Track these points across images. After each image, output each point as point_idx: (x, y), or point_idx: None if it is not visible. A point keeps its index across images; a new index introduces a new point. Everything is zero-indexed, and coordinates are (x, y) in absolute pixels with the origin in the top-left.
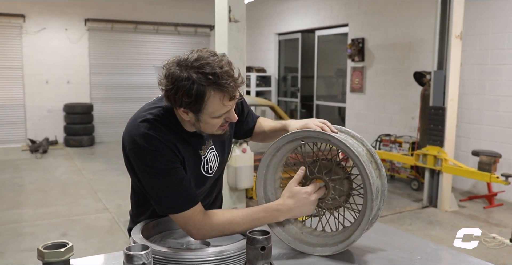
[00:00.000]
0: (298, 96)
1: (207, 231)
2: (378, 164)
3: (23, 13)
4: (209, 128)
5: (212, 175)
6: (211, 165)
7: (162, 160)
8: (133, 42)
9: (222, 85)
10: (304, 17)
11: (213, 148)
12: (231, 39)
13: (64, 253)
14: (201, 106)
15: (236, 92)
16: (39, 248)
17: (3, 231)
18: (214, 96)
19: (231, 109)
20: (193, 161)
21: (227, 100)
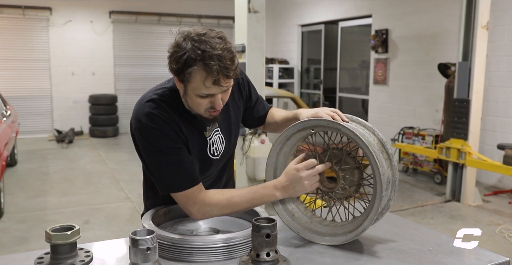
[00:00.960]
0: (320, 88)
1: (207, 210)
2: (389, 154)
3: (50, 6)
4: (195, 106)
5: (218, 158)
6: (217, 147)
7: (164, 139)
8: (157, 34)
9: (207, 65)
10: (327, 8)
11: (219, 130)
12: (251, 30)
13: (71, 236)
14: (185, 77)
15: (222, 78)
16: (46, 231)
17: (29, 218)
18: (197, 72)
19: (216, 95)
20: (198, 143)
21: (208, 82)
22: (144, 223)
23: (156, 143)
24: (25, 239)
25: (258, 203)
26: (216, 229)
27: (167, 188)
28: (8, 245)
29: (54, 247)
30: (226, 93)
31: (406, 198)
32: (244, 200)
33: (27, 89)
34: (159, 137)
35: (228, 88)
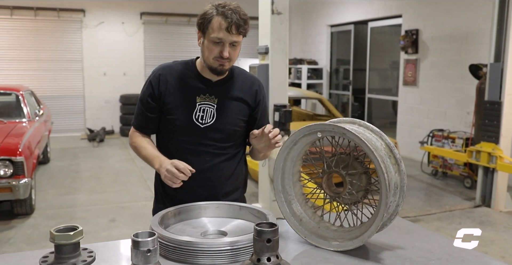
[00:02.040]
0: (349, 89)
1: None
2: (397, 159)
3: (83, 8)
4: (207, 53)
5: (202, 126)
6: (204, 115)
7: (147, 84)
8: (187, 35)
9: (224, 14)
10: (357, 8)
11: (214, 106)
12: (274, 31)
13: (73, 237)
14: (206, 26)
15: (234, 28)
16: (51, 231)
17: (58, 215)
18: (215, 19)
19: (225, 43)
20: (186, 103)
21: (223, 26)
22: (152, 225)
23: (144, 85)
24: None
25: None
26: (224, 232)
27: None
28: (37, 240)
29: (57, 246)
30: (234, 50)
31: (434, 202)
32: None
33: (61, 89)
34: (146, 82)
35: (236, 45)
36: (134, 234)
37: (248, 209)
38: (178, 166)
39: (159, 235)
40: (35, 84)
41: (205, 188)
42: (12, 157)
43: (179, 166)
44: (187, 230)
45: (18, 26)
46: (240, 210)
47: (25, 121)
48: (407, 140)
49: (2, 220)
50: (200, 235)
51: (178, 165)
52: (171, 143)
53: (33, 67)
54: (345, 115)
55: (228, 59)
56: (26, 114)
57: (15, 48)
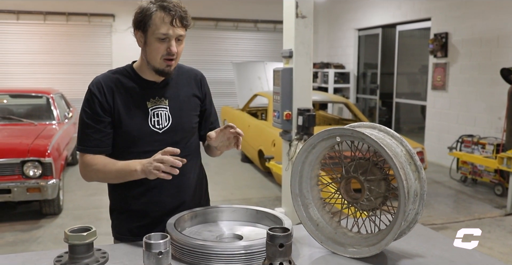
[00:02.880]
0: (377, 93)
1: (82, 173)
2: (418, 166)
3: (113, 13)
4: (153, 53)
5: (160, 131)
6: (159, 120)
7: (87, 99)
8: (213, 39)
9: (165, 8)
10: (385, 11)
11: (167, 108)
12: (298, 35)
13: (86, 237)
14: (146, 24)
15: (178, 21)
16: (65, 231)
17: (84, 215)
18: (156, 14)
19: (171, 40)
20: (138, 111)
21: (167, 20)
22: (168, 227)
23: (84, 103)
24: None
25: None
26: (240, 236)
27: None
28: None
29: (71, 247)
30: (180, 45)
31: (462, 209)
32: (115, 168)
33: None
34: (86, 97)
35: (182, 39)
36: (146, 236)
37: (264, 213)
38: (167, 152)
39: (174, 238)
40: (66, 87)
41: (175, 197)
42: (41, 158)
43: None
44: (203, 233)
45: (50, 31)
46: (257, 214)
47: (55, 123)
48: (436, 146)
49: (31, 220)
50: (216, 238)
51: (166, 151)
52: (128, 156)
53: (64, 71)
54: (372, 119)
55: (175, 56)
56: (56, 117)
57: (47, 52)
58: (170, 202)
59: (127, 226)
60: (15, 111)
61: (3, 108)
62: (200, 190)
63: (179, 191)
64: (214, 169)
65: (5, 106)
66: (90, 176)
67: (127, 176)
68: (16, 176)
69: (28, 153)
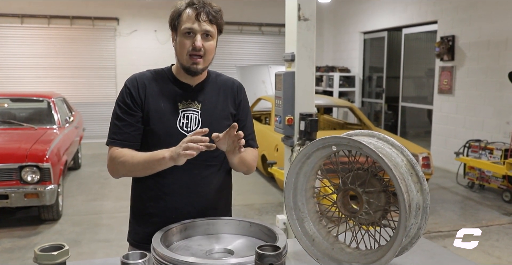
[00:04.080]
0: (383, 97)
1: (110, 167)
2: (420, 176)
3: (117, 17)
4: (180, 51)
5: (188, 134)
6: (188, 123)
7: (122, 93)
8: (218, 42)
9: (193, 4)
10: (390, 14)
11: (198, 112)
12: (300, 38)
13: (57, 257)
14: (176, 22)
15: (204, 15)
16: (34, 250)
17: (83, 221)
18: (185, 12)
19: (197, 34)
20: (168, 111)
21: (192, 15)
22: (154, 242)
23: (118, 97)
24: (77, 242)
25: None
26: (231, 251)
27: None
28: None
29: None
30: (208, 41)
31: (469, 216)
32: (141, 158)
33: (94, 96)
34: (122, 92)
35: (210, 35)
36: (124, 255)
37: (258, 226)
38: (197, 133)
39: (159, 253)
40: (69, 91)
41: (194, 205)
42: (39, 164)
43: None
44: (192, 247)
45: (54, 34)
46: (250, 227)
47: (55, 127)
48: (442, 151)
49: (30, 225)
50: (205, 253)
51: (196, 132)
52: None
53: (68, 75)
54: (378, 124)
55: (202, 52)
56: (57, 121)
57: (51, 56)
58: (187, 210)
59: (143, 232)
60: (16, 115)
61: (4, 112)
62: (220, 201)
63: (198, 200)
64: None
65: (6, 110)
66: (117, 169)
67: (155, 164)
68: (14, 181)
69: (26, 158)
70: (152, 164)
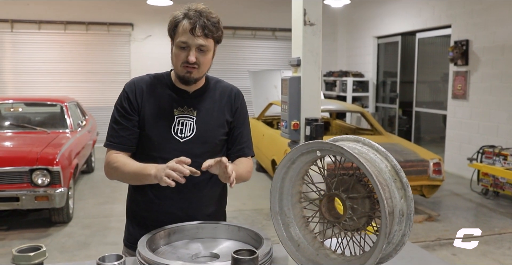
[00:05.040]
0: (397, 102)
1: (105, 169)
2: (404, 183)
3: (132, 22)
4: (175, 61)
5: (181, 140)
6: (183, 129)
7: (121, 97)
8: (231, 47)
9: (189, 16)
10: (404, 19)
11: (193, 119)
12: (306, 43)
13: (33, 258)
14: (173, 32)
15: (199, 29)
16: (12, 251)
17: (93, 224)
18: (181, 23)
19: (191, 48)
20: (163, 116)
21: (187, 29)
22: (139, 245)
23: (117, 100)
24: (86, 245)
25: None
26: (217, 255)
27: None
28: (71, 249)
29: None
30: (203, 55)
31: (482, 224)
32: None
33: (108, 101)
34: (120, 96)
35: (205, 50)
36: (100, 257)
37: (246, 231)
38: (181, 161)
39: (143, 258)
40: (84, 96)
41: (185, 210)
42: (50, 167)
43: (181, 161)
44: (179, 251)
45: (70, 40)
46: (239, 231)
47: (68, 131)
48: (456, 156)
49: (41, 228)
50: (191, 257)
51: (180, 160)
52: (147, 160)
53: (83, 79)
54: (392, 129)
55: (196, 65)
56: (69, 125)
57: (67, 61)
58: (180, 215)
59: (137, 233)
60: (30, 119)
61: (18, 116)
62: (212, 207)
63: (190, 205)
64: None
65: (21, 114)
66: (111, 173)
67: (142, 178)
68: (25, 184)
69: (37, 161)
70: (140, 177)
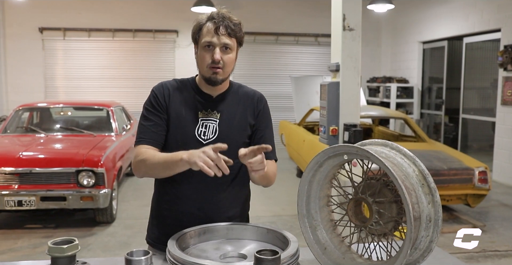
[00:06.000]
0: (442, 109)
1: (133, 164)
2: (432, 188)
3: (176, 29)
4: (201, 63)
5: (204, 142)
6: (206, 131)
7: (150, 97)
8: (274, 53)
9: (213, 18)
10: (450, 23)
11: (216, 121)
12: (345, 48)
13: (66, 250)
14: (197, 35)
15: (223, 29)
16: (48, 243)
17: (135, 225)
18: (205, 26)
19: (216, 47)
20: (188, 118)
21: (211, 29)
22: (169, 244)
23: (146, 101)
24: (127, 244)
25: (171, 162)
26: (244, 255)
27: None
28: (113, 248)
29: (53, 259)
30: (227, 54)
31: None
32: (160, 157)
33: None
34: (149, 97)
35: (229, 48)
36: (128, 252)
37: (275, 233)
38: (217, 148)
39: (172, 256)
40: (130, 101)
41: (205, 210)
42: (94, 168)
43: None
44: (208, 250)
45: (118, 47)
46: (268, 233)
47: (113, 135)
48: (506, 165)
49: (86, 227)
50: (219, 257)
51: (216, 147)
52: None
53: (130, 85)
54: (438, 136)
55: (221, 64)
56: (114, 129)
57: (114, 67)
58: (198, 215)
59: (159, 232)
60: (78, 123)
61: (68, 119)
62: (234, 210)
63: (209, 206)
64: None
65: (70, 118)
66: (139, 167)
67: (173, 165)
68: (72, 184)
69: (83, 163)
70: (171, 164)
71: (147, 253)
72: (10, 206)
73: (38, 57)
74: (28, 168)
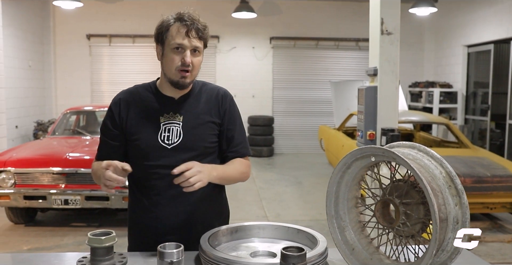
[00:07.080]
0: (488, 114)
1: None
2: (459, 190)
3: (217, 35)
4: (169, 64)
5: (169, 147)
6: (170, 135)
7: (106, 115)
8: (314, 58)
9: (182, 20)
10: (497, 26)
11: (180, 124)
12: (383, 52)
13: (105, 241)
14: (164, 36)
15: (194, 32)
16: (88, 234)
17: None
18: (173, 27)
19: (186, 50)
20: (149, 125)
21: (182, 32)
22: (201, 240)
23: (104, 117)
24: None
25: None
26: (274, 254)
27: None
28: None
29: (92, 249)
30: (196, 56)
31: None
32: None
33: None
34: (106, 115)
35: (199, 50)
36: (161, 245)
37: (305, 233)
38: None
39: (203, 251)
40: None
41: (179, 215)
42: None
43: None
44: (239, 248)
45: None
46: (298, 233)
47: None
48: None
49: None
50: (250, 254)
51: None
52: (138, 169)
53: None
54: (483, 143)
55: (190, 68)
56: None
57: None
58: (173, 220)
59: (138, 243)
60: None
61: None
62: (209, 213)
63: (183, 209)
64: (307, 189)
65: None
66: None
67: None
68: None
69: None
70: (97, 176)
71: (178, 246)
72: (57, 204)
73: (85, 63)
74: (74, 169)
